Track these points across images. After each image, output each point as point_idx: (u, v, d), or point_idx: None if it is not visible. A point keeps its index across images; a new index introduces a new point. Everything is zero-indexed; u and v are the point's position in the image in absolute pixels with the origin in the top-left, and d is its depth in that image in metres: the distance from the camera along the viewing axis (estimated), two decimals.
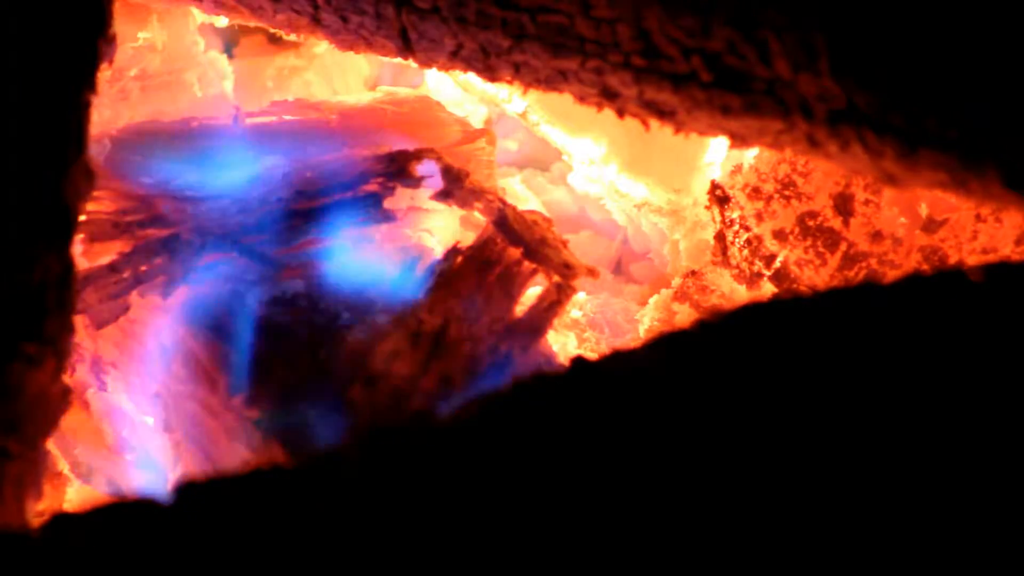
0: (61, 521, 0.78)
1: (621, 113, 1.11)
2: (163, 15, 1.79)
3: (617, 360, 0.86)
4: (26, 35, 1.06)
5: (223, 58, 1.94)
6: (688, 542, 0.75)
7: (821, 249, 1.58)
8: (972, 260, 1.49)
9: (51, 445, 1.44)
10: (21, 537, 0.79)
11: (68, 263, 1.05)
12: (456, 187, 1.48)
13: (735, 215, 1.63)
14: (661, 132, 1.13)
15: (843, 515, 0.77)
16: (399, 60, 1.30)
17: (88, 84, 1.10)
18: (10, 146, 1.02)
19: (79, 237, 1.34)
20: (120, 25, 1.48)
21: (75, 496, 1.49)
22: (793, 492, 0.78)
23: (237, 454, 1.32)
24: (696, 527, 0.76)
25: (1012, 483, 0.79)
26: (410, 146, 1.51)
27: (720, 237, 1.66)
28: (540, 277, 1.45)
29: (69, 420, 1.43)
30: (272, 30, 1.46)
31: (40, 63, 1.06)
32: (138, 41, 1.77)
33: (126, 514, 0.78)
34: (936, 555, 0.76)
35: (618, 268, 2.08)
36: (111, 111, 1.74)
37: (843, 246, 1.57)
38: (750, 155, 1.65)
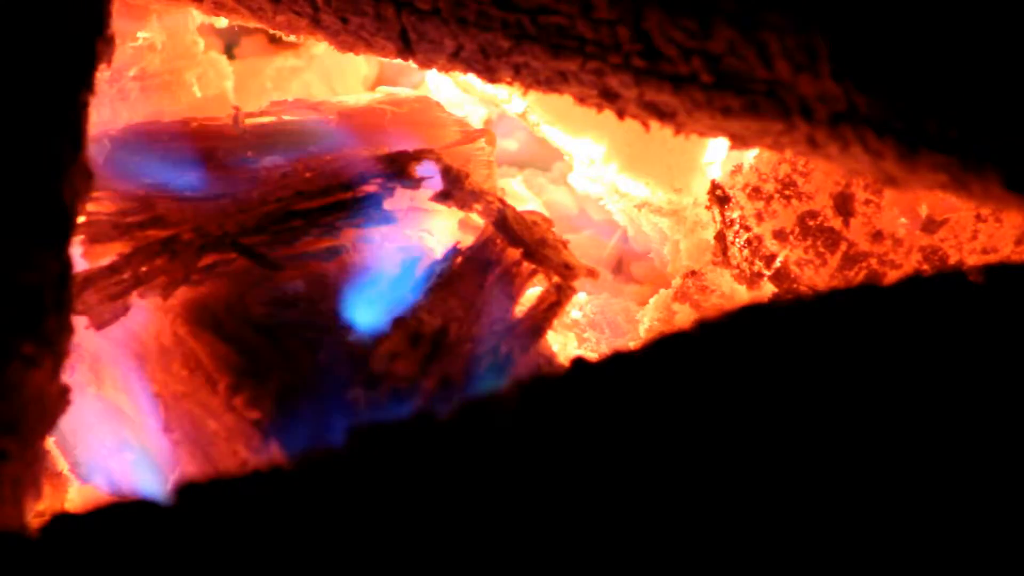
0: (61, 521, 0.78)
1: (621, 114, 1.11)
2: (162, 15, 1.78)
3: (617, 361, 0.86)
4: (24, 35, 1.06)
5: (223, 58, 1.94)
6: (687, 543, 0.75)
7: (821, 249, 1.58)
8: (972, 260, 1.49)
9: (51, 445, 1.45)
10: (20, 537, 0.79)
11: (66, 263, 1.05)
12: (456, 188, 1.48)
13: (735, 215, 1.63)
14: (661, 132, 1.13)
15: (843, 515, 0.77)
16: (399, 60, 1.30)
17: (86, 84, 1.10)
18: (8, 146, 1.02)
19: (79, 238, 1.35)
20: (119, 25, 1.48)
21: (75, 496, 1.49)
22: (793, 493, 0.78)
23: (237, 455, 1.32)
24: (695, 528, 0.76)
25: (1012, 483, 0.79)
26: (410, 147, 1.51)
27: (720, 237, 1.66)
28: (540, 278, 1.45)
29: (69, 420, 1.43)
30: (272, 31, 1.46)
31: (38, 63, 1.06)
32: (137, 41, 1.77)
33: (126, 514, 0.78)
34: (936, 555, 0.76)
35: (618, 268, 2.08)
36: (110, 111, 1.74)
37: (843, 246, 1.57)
38: (750, 155, 1.65)
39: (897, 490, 0.78)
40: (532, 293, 1.45)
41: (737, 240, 1.63)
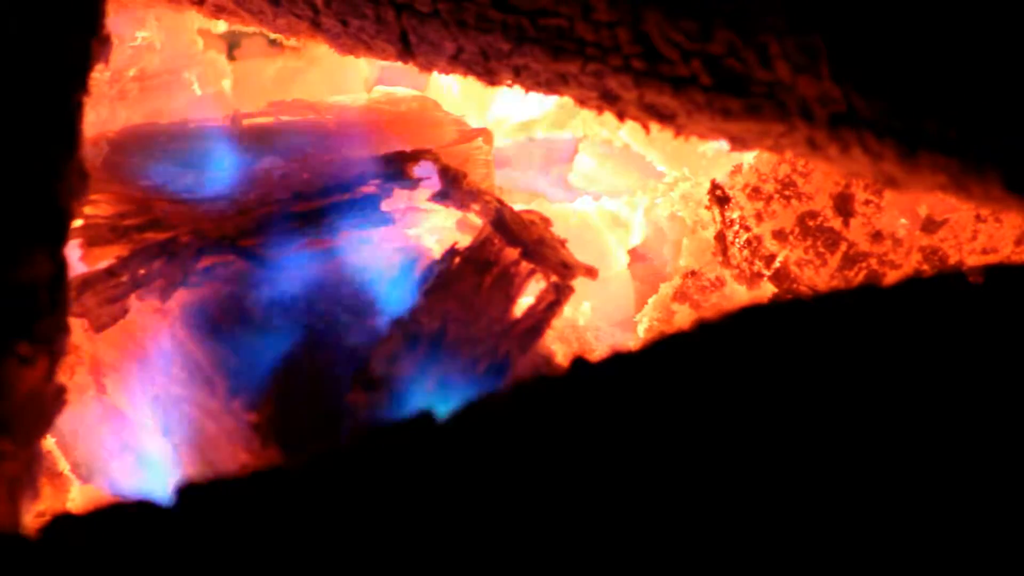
0: (61, 522, 0.78)
1: (621, 116, 1.11)
2: (161, 15, 1.78)
3: (616, 361, 0.86)
4: (18, 36, 1.06)
5: (221, 57, 1.94)
6: (686, 543, 0.75)
7: (821, 249, 1.58)
8: (972, 260, 1.49)
9: (53, 446, 1.45)
10: (16, 538, 0.79)
11: (61, 263, 1.04)
12: (454, 188, 1.47)
13: (735, 215, 1.63)
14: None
15: (842, 516, 0.77)
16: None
17: (81, 85, 1.10)
18: (2, 146, 1.02)
19: (77, 241, 1.35)
20: (118, 25, 1.48)
21: (77, 496, 1.49)
22: (792, 493, 0.78)
23: (236, 457, 1.32)
24: (694, 528, 0.76)
25: (1012, 483, 0.79)
26: (407, 147, 1.51)
27: (720, 237, 1.67)
28: (538, 277, 1.44)
29: (70, 421, 1.43)
30: (272, 35, 1.45)
31: (33, 64, 1.06)
32: (136, 41, 1.77)
33: (126, 515, 0.78)
34: (936, 555, 0.76)
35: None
36: (109, 111, 1.74)
37: (843, 246, 1.57)
38: (750, 155, 1.65)
39: (896, 490, 0.78)
40: (531, 293, 1.45)
41: (737, 240, 1.63)
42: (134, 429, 1.44)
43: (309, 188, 1.45)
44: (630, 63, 1.05)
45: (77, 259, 1.36)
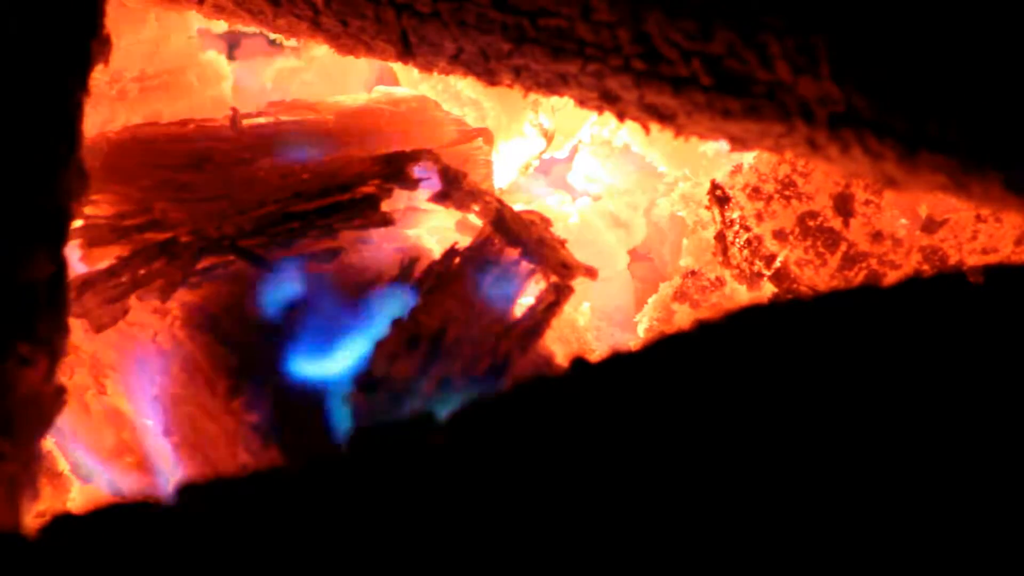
0: (61, 522, 0.78)
1: (622, 116, 1.11)
2: (161, 15, 1.79)
3: (616, 362, 0.86)
4: (18, 37, 1.06)
5: (221, 58, 1.94)
6: (684, 543, 0.75)
7: (821, 249, 1.58)
8: (972, 260, 1.50)
9: (53, 446, 1.45)
10: (16, 537, 0.79)
11: (60, 262, 1.05)
12: (454, 188, 1.47)
13: (735, 215, 1.63)
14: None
15: (842, 515, 0.77)
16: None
17: (80, 85, 1.10)
18: (3, 146, 1.02)
19: (77, 241, 1.35)
20: (119, 25, 1.48)
21: (77, 496, 1.49)
22: (792, 493, 0.78)
23: (236, 457, 1.32)
24: (693, 528, 0.76)
25: (1011, 483, 0.79)
26: (407, 147, 1.51)
27: (720, 237, 1.67)
28: (538, 277, 1.44)
29: (70, 422, 1.43)
30: (272, 35, 1.45)
31: (32, 65, 1.06)
32: (137, 42, 1.77)
33: (126, 515, 0.78)
34: (935, 554, 0.76)
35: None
36: (109, 111, 1.74)
37: (843, 246, 1.58)
38: (750, 155, 1.65)
39: (896, 490, 0.78)
40: (531, 293, 1.45)
41: (737, 240, 1.63)
42: (134, 429, 1.44)
43: (309, 188, 1.45)
44: (630, 63, 1.05)
45: (77, 259, 1.36)
